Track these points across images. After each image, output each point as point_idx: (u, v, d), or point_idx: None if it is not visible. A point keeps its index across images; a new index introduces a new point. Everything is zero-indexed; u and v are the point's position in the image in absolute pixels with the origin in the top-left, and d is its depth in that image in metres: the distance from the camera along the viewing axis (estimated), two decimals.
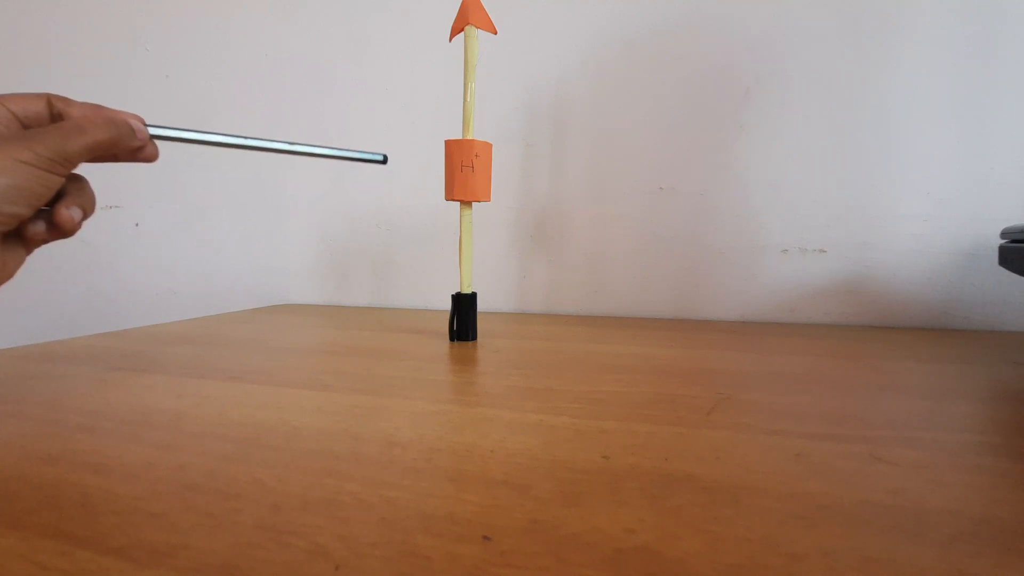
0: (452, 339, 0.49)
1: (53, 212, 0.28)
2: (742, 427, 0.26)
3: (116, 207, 0.89)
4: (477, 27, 0.46)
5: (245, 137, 0.34)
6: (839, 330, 0.57)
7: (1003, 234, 0.44)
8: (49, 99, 0.29)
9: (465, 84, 0.46)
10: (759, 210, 0.63)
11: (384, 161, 0.39)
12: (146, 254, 0.89)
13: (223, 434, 0.25)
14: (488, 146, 0.47)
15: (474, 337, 0.49)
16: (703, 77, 0.63)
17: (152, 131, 0.31)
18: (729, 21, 0.62)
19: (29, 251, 0.30)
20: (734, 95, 0.63)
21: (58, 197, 0.28)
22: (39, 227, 0.28)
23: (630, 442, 0.24)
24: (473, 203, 0.48)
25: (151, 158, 0.32)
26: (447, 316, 0.61)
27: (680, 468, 0.22)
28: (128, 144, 0.30)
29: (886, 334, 0.54)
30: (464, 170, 0.45)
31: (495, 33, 0.47)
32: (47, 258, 0.60)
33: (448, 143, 0.46)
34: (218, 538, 0.17)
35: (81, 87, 0.92)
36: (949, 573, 0.15)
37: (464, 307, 0.48)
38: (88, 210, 0.30)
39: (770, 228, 0.62)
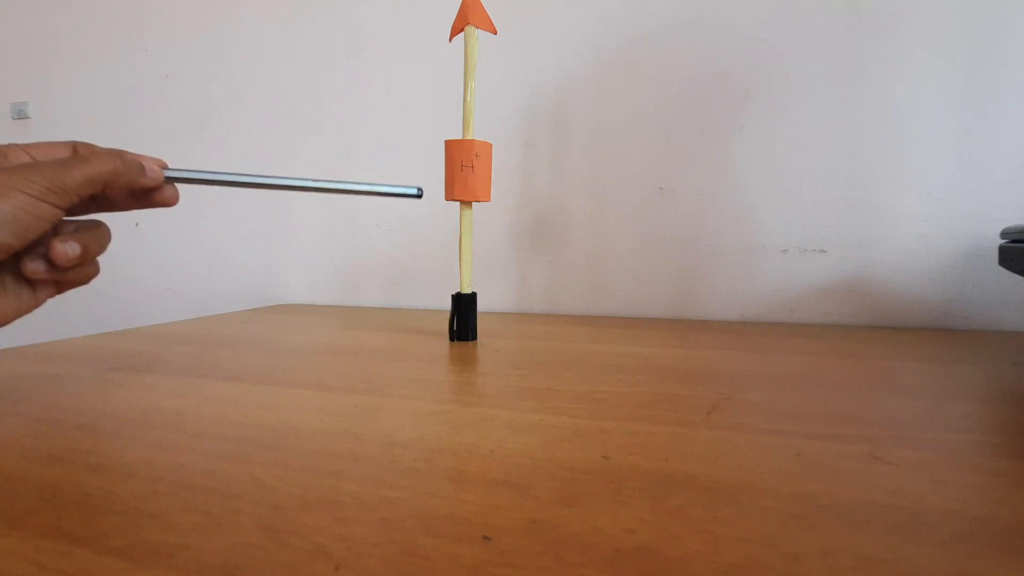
0: (452, 339, 0.49)
1: (49, 245, 0.27)
2: (742, 427, 0.26)
3: None
4: (477, 27, 0.46)
5: (274, 177, 0.34)
6: (839, 330, 0.56)
7: (1003, 234, 0.44)
8: (75, 147, 0.29)
9: (465, 84, 0.46)
10: (759, 210, 0.63)
11: (419, 195, 0.38)
12: (146, 254, 0.89)
13: (223, 434, 0.25)
14: (488, 146, 0.47)
15: (474, 337, 0.49)
16: (703, 77, 0.63)
17: (172, 174, 0.31)
18: (729, 22, 0.62)
19: (39, 298, 0.29)
20: (734, 95, 0.63)
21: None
22: (38, 265, 0.27)
23: (630, 442, 0.24)
24: (473, 203, 0.48)
25: (169, 202, 0.32)
26: (447, 316, 0.61)
27: (680, 468, 0.22)
28: (135, 181, 0.29)
29: (886, 334, 0.54)
30: (464, 170, 0.45)
31: (495, 33, 0.47)
32: None
33: (448, 143, 0.46)
34: (218, 538, 0.17)
35: (81, 87, 0.92)
36: (949, 573, 0.15)
37: (464, 307, 0.48)
38: (92, 249, 0.29)
39: (770, 228, 0.62)
